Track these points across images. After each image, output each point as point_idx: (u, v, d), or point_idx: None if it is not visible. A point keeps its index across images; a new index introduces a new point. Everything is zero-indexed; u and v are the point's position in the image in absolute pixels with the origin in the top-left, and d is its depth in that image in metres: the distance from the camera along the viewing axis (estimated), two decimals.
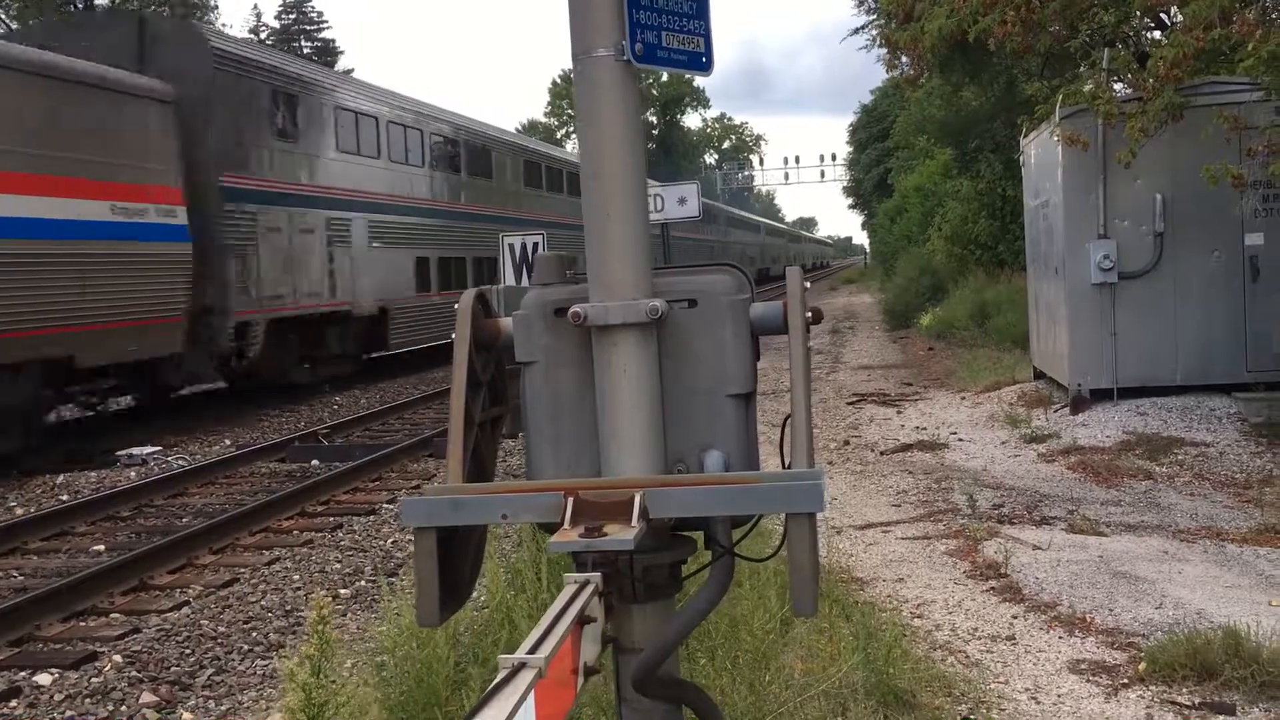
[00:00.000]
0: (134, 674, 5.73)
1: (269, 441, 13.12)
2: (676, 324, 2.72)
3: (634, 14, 2.61)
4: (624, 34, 2.61)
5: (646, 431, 2.68)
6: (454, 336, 2.84)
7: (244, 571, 7.63)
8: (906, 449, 10.75)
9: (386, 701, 3.91)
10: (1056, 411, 11.41)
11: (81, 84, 12.96)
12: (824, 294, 53.50)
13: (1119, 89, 11.10)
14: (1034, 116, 12.42)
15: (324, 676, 2.97)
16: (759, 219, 65.98)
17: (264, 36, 69.89)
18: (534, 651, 1.83)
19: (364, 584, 7.29)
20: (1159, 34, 12.50)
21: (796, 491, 2.40)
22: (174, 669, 5.82)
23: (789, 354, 2.66)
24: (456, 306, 2.88)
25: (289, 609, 6.76)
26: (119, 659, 5.93)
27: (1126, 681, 4.70)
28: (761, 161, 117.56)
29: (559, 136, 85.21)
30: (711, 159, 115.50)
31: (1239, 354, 10.65)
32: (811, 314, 2.76)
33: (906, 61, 11.85)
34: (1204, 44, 8.77)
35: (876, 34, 16.03)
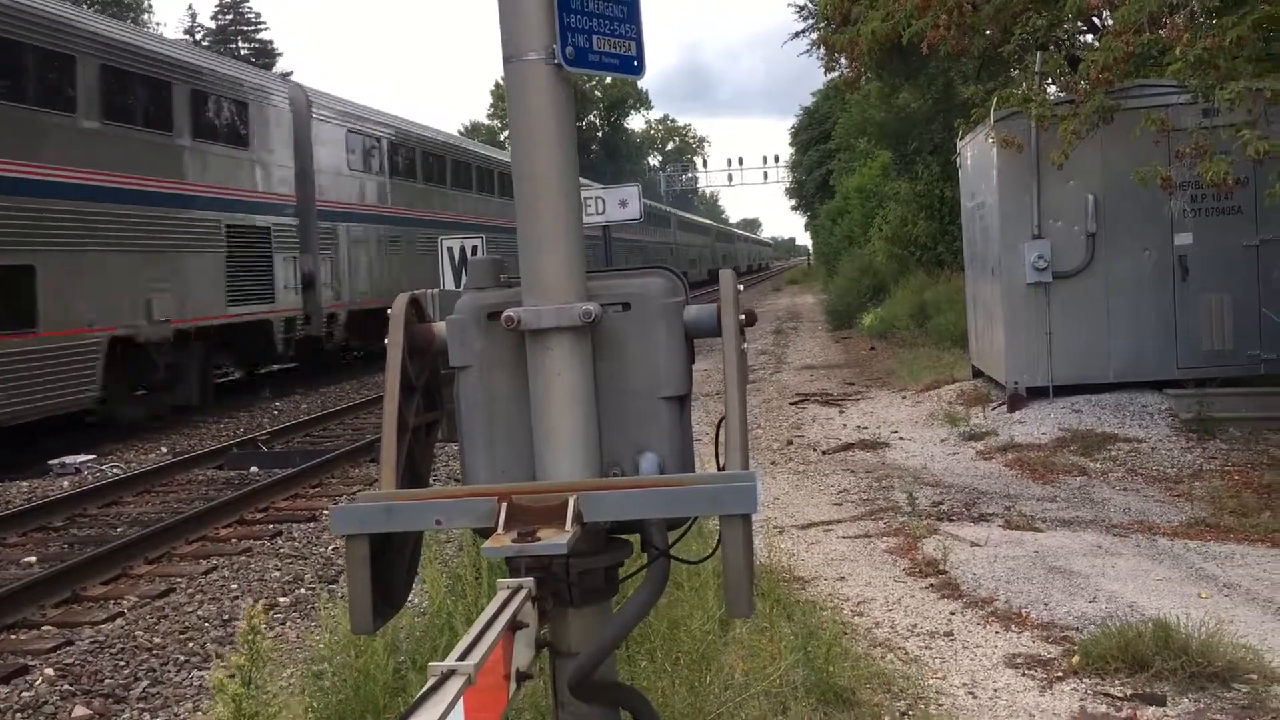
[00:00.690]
0: (66, 687, 5.61)
1: (206, 449, 12.92)
2: (610, 327, 2.72)
3: (564, 18, 2.61)
4: (554, 38, 2.61)
5: (581, 435, 2.68)
6: (387, 341, 2.82)
7: (180, 581, 7.50)
8: (848, 448, 10.85)
9: (323, 711, 3.86)
10: (994, 409, 11.58)
11: None
12: (767, 295, 53.81)
13: (1052, 92, 11.30)
14: (970, 119, 12.60)
15: (255, 687, 2.93)
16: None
17: (199, 38, 68.82)
18: (464, 658, 1.82)
19: (304, 592, 7.21)
20: (1091, 38, 12.74)
21: (730, 493, 2.41)
22: (108, 681, 5.71)
23: (723, 356, 2.67)
24: (390, 312, 2.86)
25: (227, 619, 6.66)
26: (51, 672, 5.80)
27: (1061, 674, 4.78)
28: (705, 163, 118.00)
29: (502, 139, 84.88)
30: (655, 161, 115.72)
31: (1170, 351, 10.89)
32: (745, 316, 2.77)
33: (844, 64, 11.95)
34: (1133, 48, 8.96)
35: (815, 37, 16.17)
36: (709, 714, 3.91)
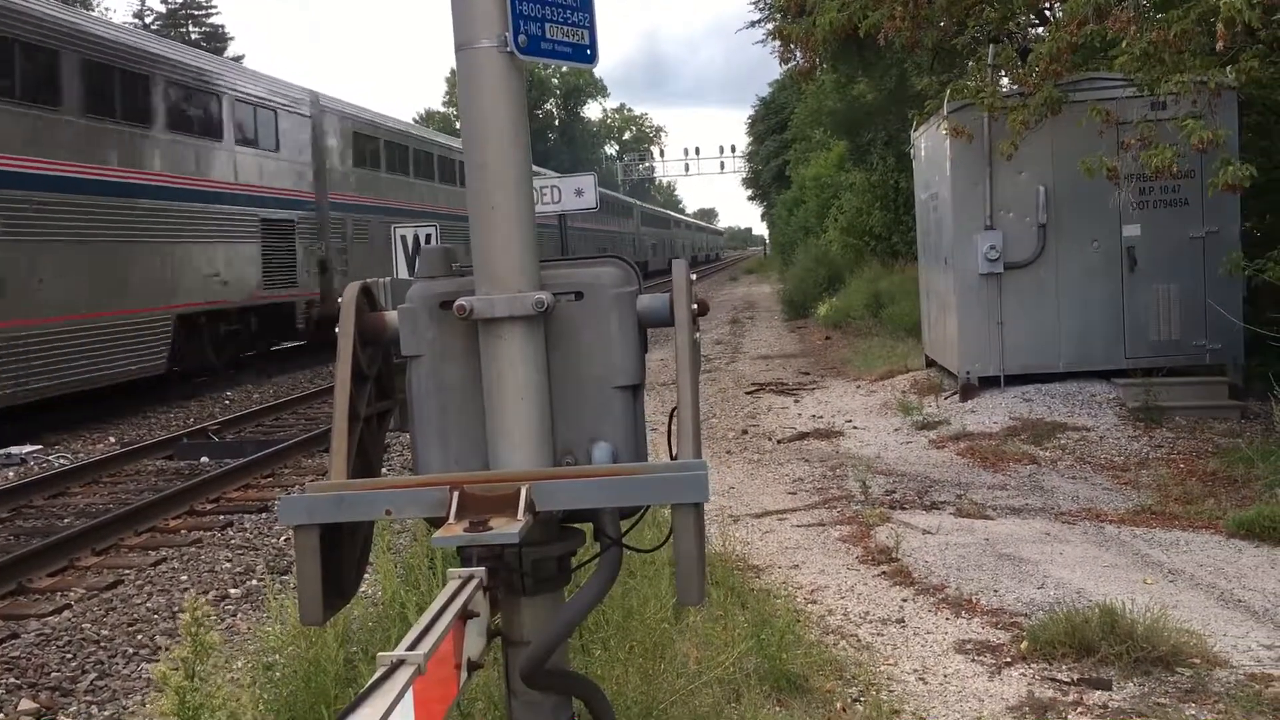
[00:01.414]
0: (12, 680, 5.53)
1: (156, 439, 12.74)
2: (563, 316, 2.72)
3: (517, 5, 2.60)
4: (507, 25, 2.59)
5: (534, 424, 2.67)
6: (338, 330, 2.80)
7: (129, 573, 7.41)
8: (803, 437, 10.92)
9: (273, 703, 3.83)
10: (947, 399, 11.71)
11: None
12: (723, 285, 53.96)
13: (1004, 84, 11.41)
14: (924, 111, 12.69)
15: (199, 680, 2.90)
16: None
17: (149, 21, 67.69)
18: (413, 648, 1.82)
19: (255, 583, 7.14)
20: (1042, 30, 12.87)
21: (682, 482, 2.42)
22: (54, 674, 5.63)
23: (674, 345, 2.67)
24: (340, 300, 2.84)
25: (176, 610, 6.58)
26: None
27: (1009, 660, 4.85)
28: (662, 153, 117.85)
29: (458, 126, 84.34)
30: (612, 150, 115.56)
31: (1118, 341, 11.05)
32: (698, 305, 2.78)
33: (800, 55, 11.99)
34: (1078, 39, 9.07)
35: (771, 27, 16.19)
36: (662, 702, 3.92)
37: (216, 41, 69.07)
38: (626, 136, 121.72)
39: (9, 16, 12.71)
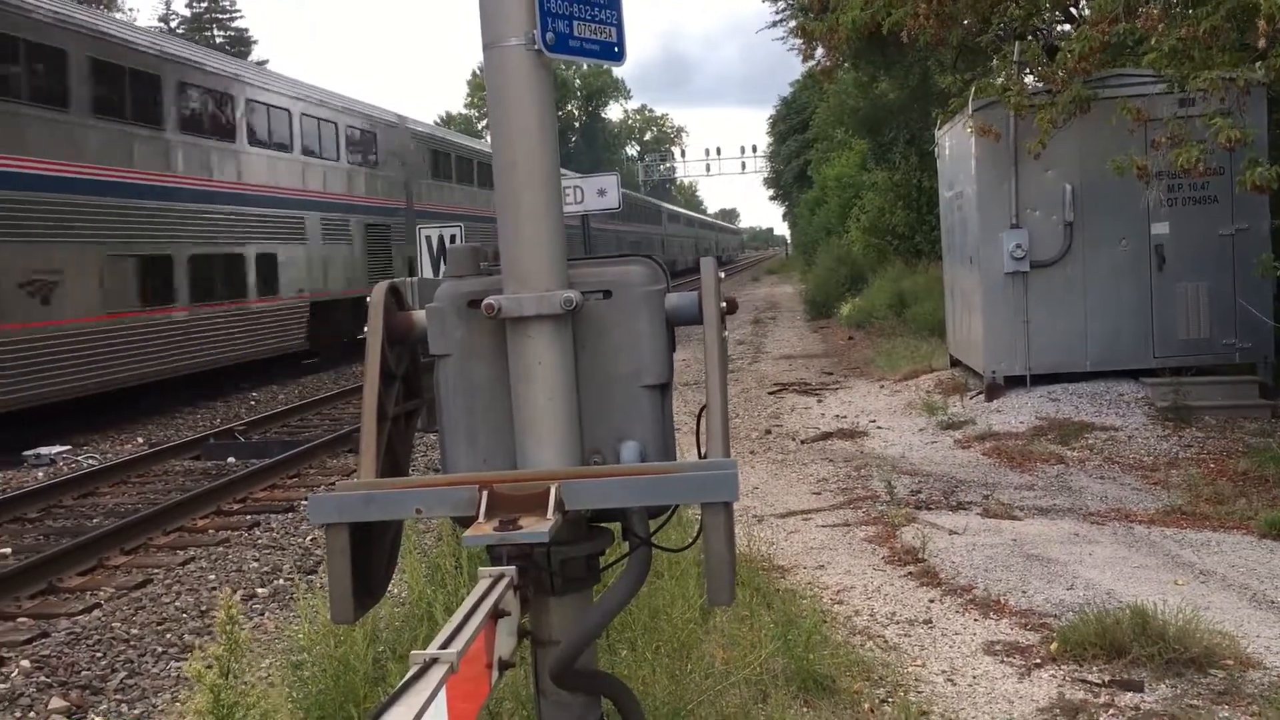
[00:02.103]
0: (43, 679, 5.58)
1: (183, 439, 12.83)
2: (591, 315, 2.71)
3: (545, 3, 2.60)
4: (535, 23, 2.59)
5: (562, 423, 2.67)
6: (366, 330, 2.80)
7: (157, 572, 7.46)
8: (827, 437, 10.88)
9: (303, 701, 3.85)
10: (972, 398, 11.64)
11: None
12: (745, 285, 53.87)
13: (1029, 82, 11.33)
14: (948, 109, 12.63)
15: (233, 678, 2.91)
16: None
17: (174, 25, 68.19)
18: (446, 646, 1.81)
19: (282, 582, 7.17)
20: (1069, 27, 12.79)
21: (711, 481, 2.40)
22: (85, 673, 5.67)
23: (704, 344, 2.66)
24: (369, 300, 2.84)
25: (205, 609, 6.62)
26: (27, 664, 5.76)
27: (1039, 661, 4.81)
28: (683, 153, 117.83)
29: (480, 128, 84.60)
30: (634, 150, 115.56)
31: (1146, 340, 10.95)
32: (726, 304, 2.77)
33: (822, 53, 11.95)
34: (1109, 37, 8.99)
35: (793, 25, 16.16)
36: (690, 702, 3.91)
37: (241, 45, 69.51)
38: (647, 137, 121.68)
39: (241, 83, 18.11)
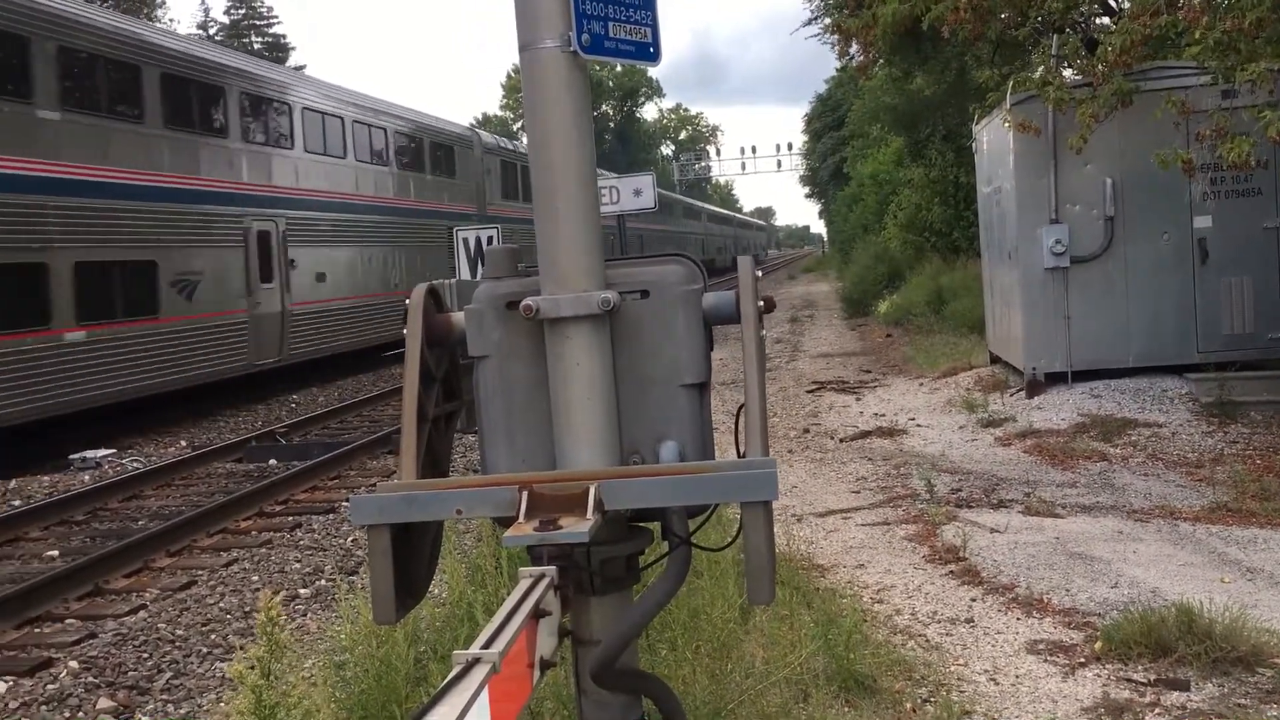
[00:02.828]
0: (91, 679, 5.65)
1: (225, 441, 12.98)
2: (629, 315, 2.72)
3: (580, 4, 2.60)
4: (571, 25, 2.60)
5: (601, 423, 2.67)
6: (405, 332, 2.82)
7: (201, 574, 7.54)
8: (865, 436, 10.82)
9: (345, 701, 3.88)
10: (1012, 395, 11.53)
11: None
12: (782, 283, 53.70)
13: (1068, 75, 11.21)
14: (985, 104, 12.52)
15: (274, 679, 2.93)
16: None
17: (213, 32, 68.93)
18: (488, 647, 1.82)
19: (324, 583, 7.24)
20: (1107, 20, 12.65)
21: (751, 480, 2.40)
22: (131, 673, 5.74)
23: (742, 343, 2.66)
24: (408, 302, 2.86)
25: (248, 610, 6.69)
26: (75, 665, 5.85)
27: (1083, 660, 4.75)
28: (719, 152, 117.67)
29: (515, 129, 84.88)
30: (668, 150, 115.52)
31: (1190, 335, 10.81)
32: (764, 302, 2.76)
33: (857, 49, 11.88)
34: (1151, 31, 8.88)
35: (829, 22, 16.09)
36: (730, 702, 3.91)
37: (279, 51, 70.14)
38: (682, 136, 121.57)
39: (379, 113, 21.92)
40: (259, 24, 73.73)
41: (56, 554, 8.28)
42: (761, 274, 2.79)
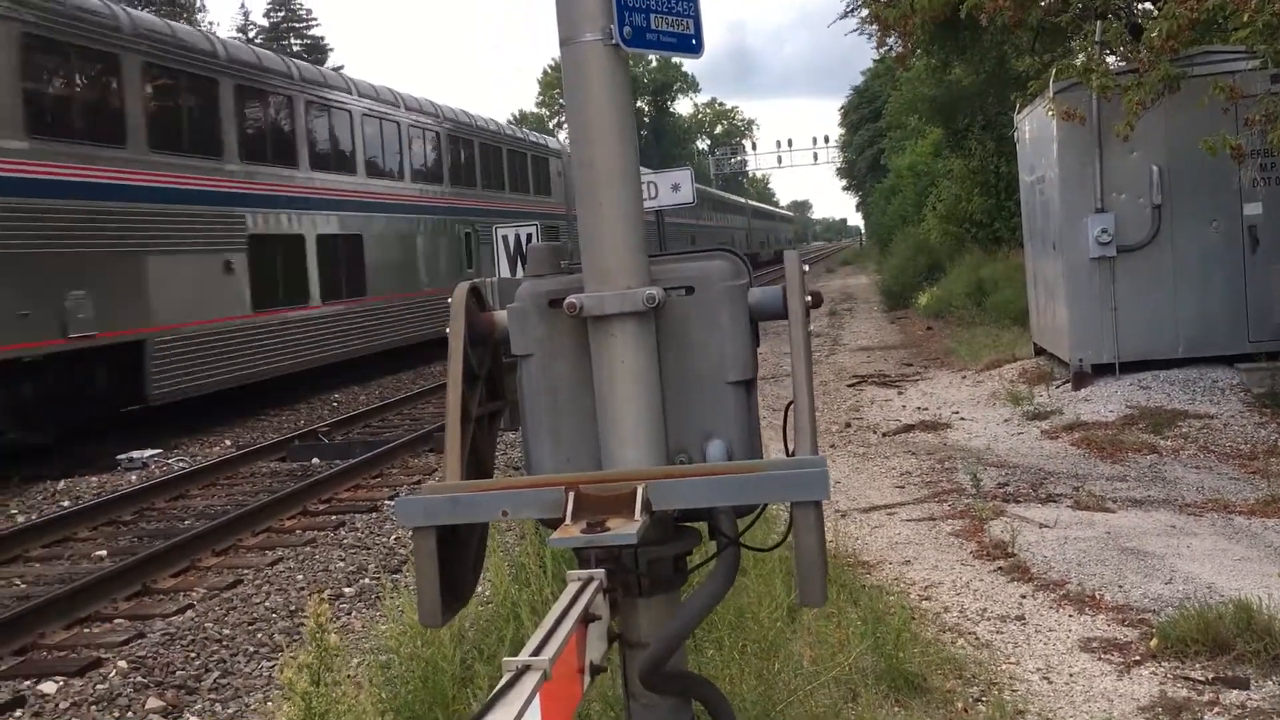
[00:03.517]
0: (139, 679, 5.70)
1: (269, 441, 13.08)
2: (674, 312, 2.67)
3: None
4: (612, 17, 2.56)
5: (646, 422, 2.63)
6: (448, 331, 2.79)
7: (247, 573, 7.59)
8: (908, 430, 10.71)
9: (392, 703, 3.87)
10: (1058, 387, 11.37)
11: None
12: (820, 276, 53.42)
13: (1111, 62, 11.03)
14: (1027, 92, 12.34)
15: (323, 685, 2.92)
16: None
17: (253, 35, 69.60)
18: (538, 653, 1.79)
19: (368, 582, 7.26)
20: (1150, 5, 12.43)
21: (801, 479, 2.35)
22: (179, 673, 5.78)
23: (789, 339, 2.61)
24: (450, 301, 2.84)
25: (293, 609, 6.72)
26: (124, 665, 5.89)
27: (1139, 659, 4.66)
28: (754, 146, 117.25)
29: (551, 126, 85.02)
30: (704, 144, 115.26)
31: (1240, 324, 10.60)
32: (811, 298, 2.71)
33: (895, 39, 11.76)
34: (1198, 15, 8.71)
35: (866, 14, 15.95)
36: (779, 702, 3.86)
37: (317, 53, 70.70)
38: (718, 130, 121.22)
39: (476, 128, 25.34)
40: (298, 26, 74.38)
41: (105, 554, 8.36)
42: (809, 268, 2.74)
